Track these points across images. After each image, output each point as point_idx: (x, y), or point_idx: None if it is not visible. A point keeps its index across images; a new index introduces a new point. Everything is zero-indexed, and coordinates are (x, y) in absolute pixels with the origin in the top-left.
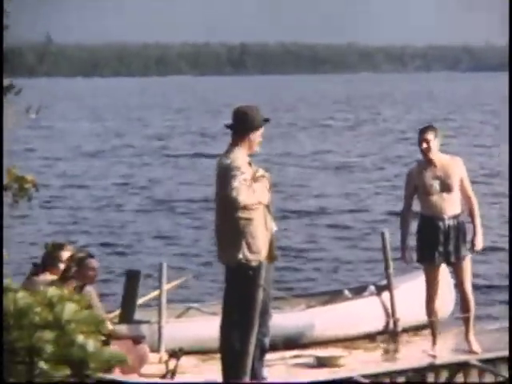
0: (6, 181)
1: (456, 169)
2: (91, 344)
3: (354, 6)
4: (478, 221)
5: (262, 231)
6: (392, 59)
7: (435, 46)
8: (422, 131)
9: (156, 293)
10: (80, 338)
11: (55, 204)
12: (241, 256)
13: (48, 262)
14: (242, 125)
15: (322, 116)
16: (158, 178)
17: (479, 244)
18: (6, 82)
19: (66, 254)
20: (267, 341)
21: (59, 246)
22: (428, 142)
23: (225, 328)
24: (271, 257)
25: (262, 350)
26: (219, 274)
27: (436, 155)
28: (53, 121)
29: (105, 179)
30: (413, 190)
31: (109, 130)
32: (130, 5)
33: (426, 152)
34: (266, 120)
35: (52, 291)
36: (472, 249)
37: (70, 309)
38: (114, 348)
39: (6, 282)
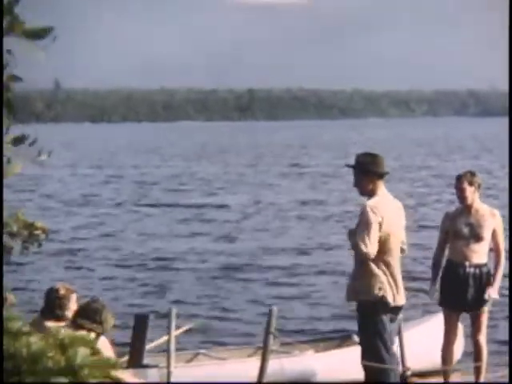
0: (14, 228)
1: (491, 220)
2: None
3: (358, 53)
4: (499, 272)
5: None
6: (398, 104)
7: (441, 90)
8: (458, 179)
9: (165, 338)
10: None
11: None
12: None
13: (54, 308)
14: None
15: (318, 162)
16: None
17: (494, 292)
18: (17, 132)
19: (73, 302)
20: None
21: (67, 293)
22: (463, 190)
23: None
24: None
25: None
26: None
27: (473, 202)
28: (42, 169)
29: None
30: (445, 232)
31: (97, 178)
32: (138, 50)
33: (461, 199)
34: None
35: (64, 333)
36: (486, 296)
37: (82, 353)
38: None
39: (19, 324)
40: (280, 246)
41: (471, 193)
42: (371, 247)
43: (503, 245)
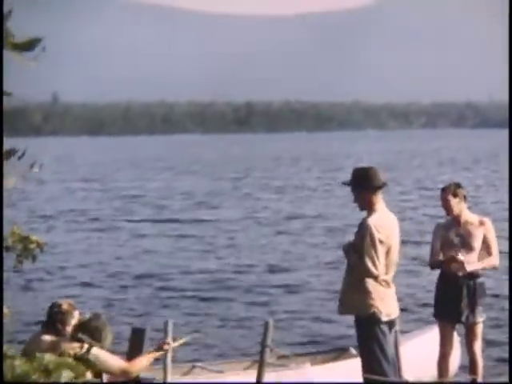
0: (8, 242)
1: (481, 229)
2: None
3: (356, 65)
4: (483, 264)
5: None
6: (397, 117)
7: (439, 103)
8: (442, 190)
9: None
10: None
11: None
12: None
13: (56, 322)
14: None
15: (310, 176)
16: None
17: (469, 265)
18: (7, 146)
19: (75, 318)
20: None
21: (69, 308)
22: (447, 201)
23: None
24: None
25: None
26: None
27: (460, 213)
28: (34, 183)
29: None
30: (438, 243)
31: (87, 192)
32: (136, 63)
33: (446, 211)
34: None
35: (48, 358)
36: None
37: (66, 377)
38: None
39: (4, 348)
40: (267, 263)
41: (456, 204)
42: (381, 268)
43: (497, 250)
